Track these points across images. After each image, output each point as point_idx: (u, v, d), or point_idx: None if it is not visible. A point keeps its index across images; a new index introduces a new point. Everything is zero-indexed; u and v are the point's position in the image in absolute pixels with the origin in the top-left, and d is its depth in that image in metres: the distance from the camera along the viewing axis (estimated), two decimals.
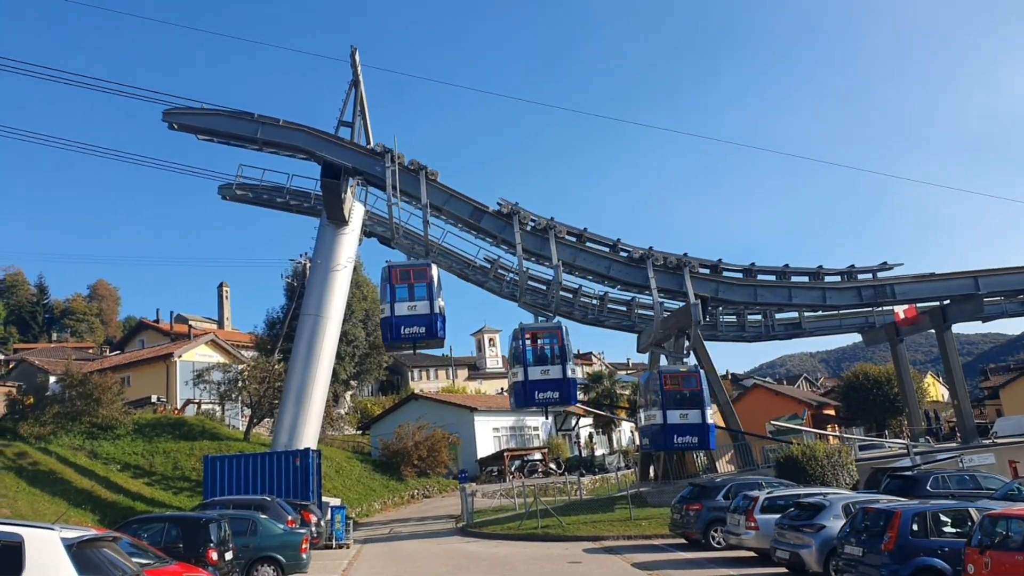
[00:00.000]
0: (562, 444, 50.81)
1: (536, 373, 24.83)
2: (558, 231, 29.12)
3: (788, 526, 15.11)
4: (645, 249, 29.73)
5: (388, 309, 24.31)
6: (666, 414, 25.62)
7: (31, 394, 31.75)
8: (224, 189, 32.01)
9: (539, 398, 24.94)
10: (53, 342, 77.37)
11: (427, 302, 24.30)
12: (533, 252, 29.50)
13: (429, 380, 70.86)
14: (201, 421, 38.06)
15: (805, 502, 15.69)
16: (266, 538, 16.61)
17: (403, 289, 24.60)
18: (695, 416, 25.68)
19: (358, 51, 32.81)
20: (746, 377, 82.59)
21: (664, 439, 25.94)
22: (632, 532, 22.47)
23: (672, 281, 30.36)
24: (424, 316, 24.18)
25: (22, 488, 23.54)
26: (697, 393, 26.07)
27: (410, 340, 24.82)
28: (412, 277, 24.79)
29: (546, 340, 25.35)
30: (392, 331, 24.41)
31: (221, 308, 78.78)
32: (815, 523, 14.48)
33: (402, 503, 38.03)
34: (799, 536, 14.56)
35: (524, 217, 29.05)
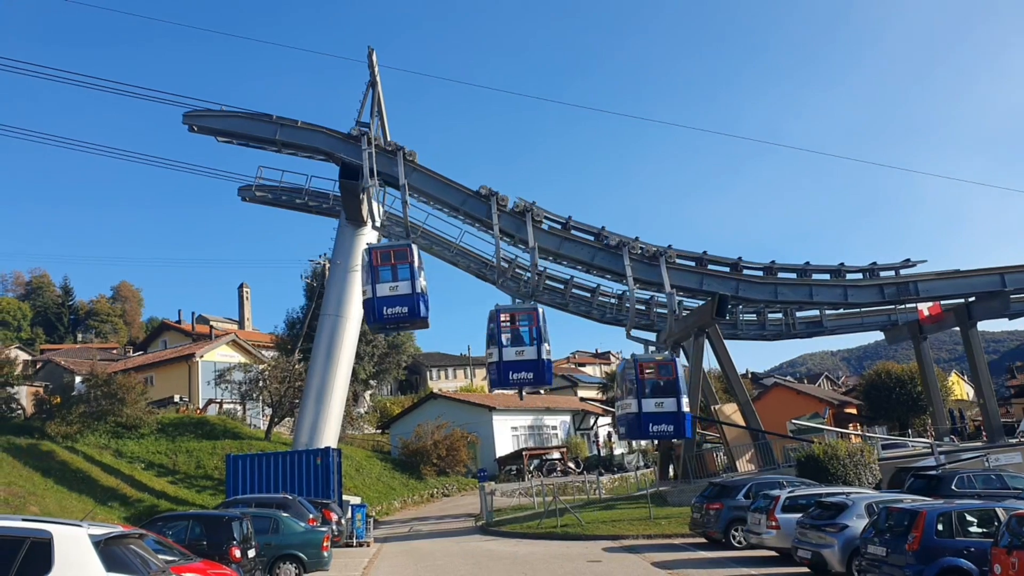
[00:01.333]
0: (581, 443, 50.76)
1: (511, 354, 24.67)
2: (535, 214, 28.97)
3: (810, 525, 14.99)
4: (628, 238, 29.43)
5: (370, 291, 24.49)
6: (641, 403, 25.09)
7: (58, 394, 32.24)
8: (244, 191, 32.33)
9: (514, 378, 24.80)
10: (78, 343, 78.56)
11: (409, 282, 24.48)
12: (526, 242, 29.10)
13: (447, 379, 71.05)
14: (223, 420, 38.48)
15: (827, 501, 15.55)
16: (288, 536, 16.76)
17: (384, 271, 24.78)
18: (670, 404, 25.10)
19: (375, 52, 32.98)
20: (767, 376, 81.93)
21: (639, 428, 25.52)
22: (652, 531, 22.41)
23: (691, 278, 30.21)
24: (406, 296, 24.30)
25: (50, 486, 23.93)
26: (672, 382, 25.56)
27: (393, 320, 25.05)
28: (393, 258, 24.97)
29: (521, 322, 25.33)
30: (375, 313, 24.59)
31: (242, 309, 79.52)
32: (837, 523, 14.35)
33: (422, 502, 38.18)
34: (821, 536, 14.44)
35: (502, 200, 28.99)
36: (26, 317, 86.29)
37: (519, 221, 28.79)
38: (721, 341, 30.81)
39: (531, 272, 29.22)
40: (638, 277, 29.03)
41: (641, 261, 29.31)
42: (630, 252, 28.72)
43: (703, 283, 30.25)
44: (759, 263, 31.35)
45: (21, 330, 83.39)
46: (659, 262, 29.00)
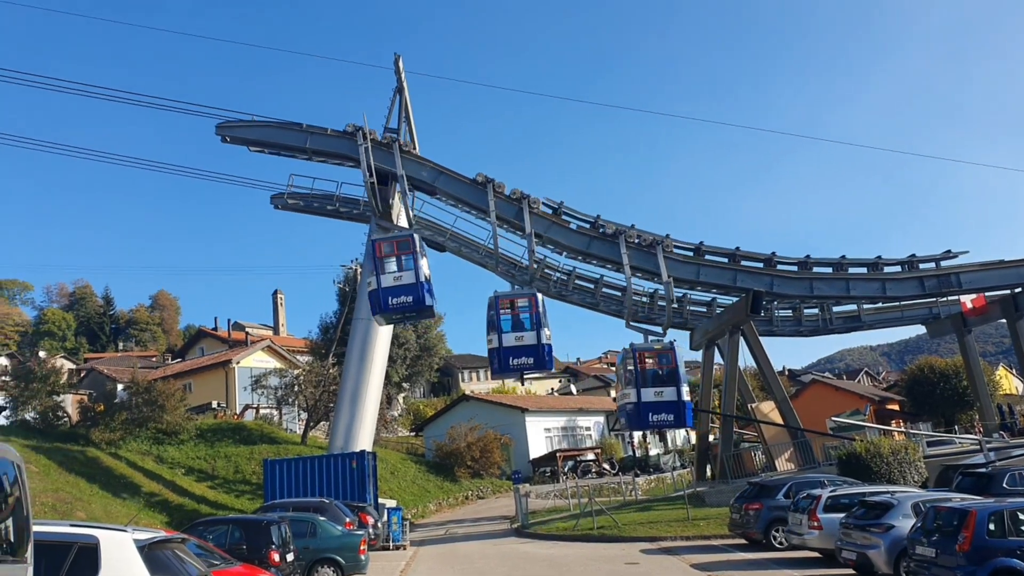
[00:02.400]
0: (615, 444, 50.46)
1: (511, 340, 24.85)
2: (531, 201, 28.93)
3: (854, 526, 14.65)
4: (624, 226, 29.13)
5: (375, 282, 24.98)
6: (640, 392, 25.08)
7: (101, 402, 32.90)
8: (276, 199, 32.67)
9: (514, 364, 24.97)
10: (119, 351, 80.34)
11: (413, 272, 24.97)
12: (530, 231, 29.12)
13: (479, 381, 71.13)
14: (259, 425, 38.96)
15: (871, 501, 15.18)
16: (325, 540, 16.87)
17: (388, 262, 25.37)
18: (670, 393, 25.06)
19: (402, 58, 33.21)
20: (804, 372, 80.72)
21: (639, 417, 25.43)
22: (690, 532, 22.14)
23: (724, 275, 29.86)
24: (411, 286, 24.90)
25: (96, 492, 24.41)
26: (672, 370, 25.47)
27: (399, 310, 25.41)
28: (397, 249, 25.51)
29: (521, 307, 25.45)
30: (381, 303, 25.04)
31: (276, 315, 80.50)
32: (883, 523, 14.00)
33: (456, 504, 38.24)
34: (866, 536, 14.10)
35: (499, 187, 29.05)
36: (70, 327, 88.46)
37: (516, 208, 28.90)
38: (756, 338, 30.38)
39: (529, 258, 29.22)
40: (637, 266, 28.75)
41: (639, 250, 28.99)
42: (627, 240, 28.52)
43: (736, 280, 29.85)
44: (794, 258, 30.85)
45: (66, 340, 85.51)
46: (656, 251, 28.66)
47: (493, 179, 29.02)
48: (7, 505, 5.65)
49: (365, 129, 29.19)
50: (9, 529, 5.59)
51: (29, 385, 30.13)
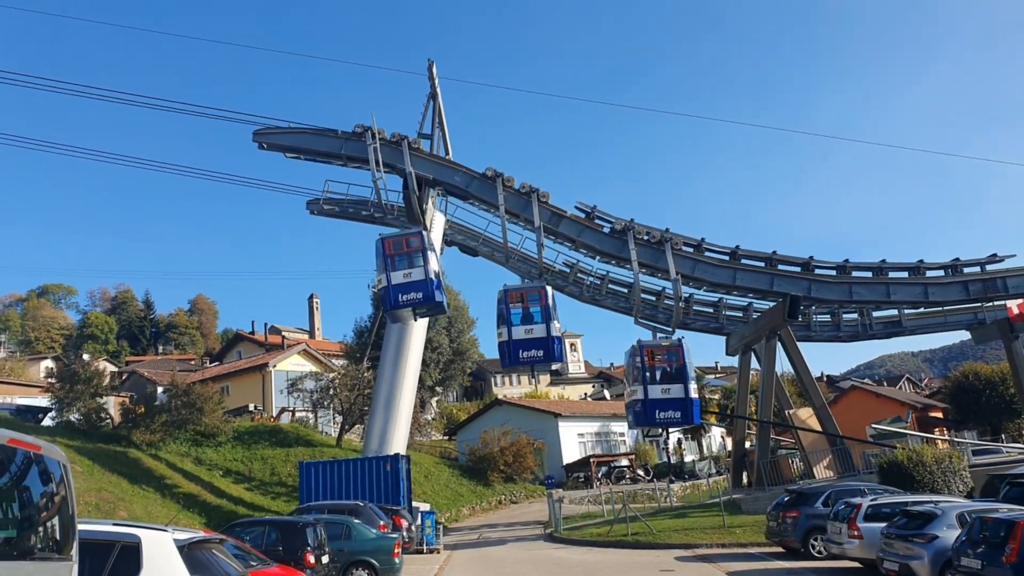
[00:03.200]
0: (650, 450, 49.97)
1: (520, 332, 24.93)
2: (541, 195, 28.99)
3: (896, 535, 14.31)
4: (626, 221, 28.90)
5: (385, 279, 25.14)
6: (647, 389, 24.94)
7: (142, 404, 33.57)
8: (312, 204, 33.09)
9: (523, 357, 25.06)
10: (159, 355, 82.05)
11: (422, 268, 25.09)
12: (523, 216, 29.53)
13: (512, 386, 71.11)
14: (295, 428, 39.42)
15: (914, 510, 14.81)
16: (360, 542, 17.01)
17: (397, 259, 25.51)
18: (677, 391, 24.89)
19: (435, 64, 33.45)
20: (843, 379, 79.23)
21: (645, 415, 25.23)
22: (726, 540, 21.83)
23: (760, 279, 29.49)
24: (420, 282, 25.00)
25: (137, 492, 24.91)
26: (680, 367, 25.30)
27: (409, 306, 25.51)
28: (406, 246, 25.67)
29: (530, 300, 25.54)
30: (391, 300, 25.23)
31: (312, 318, 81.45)
32: (926, 533, 13.65)
33: (490, 508, 38.25)
34: (909, 547, 13.76)
35: (508, 180, 29.21)
36: (112, 331, 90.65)
37: (525, 201, 28.96)
38: (794, 343, 29.90)
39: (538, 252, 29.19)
40: (645, 262, 28.59)
41: (648, 247, 28.78)
42: (636, 237, 28.39)
43: (773, 284, 29.46)
44: (832, 262, 30.36)
45: (108, 343, 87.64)
46: (664, 248, 28.42)
47: (502, 173, 29.24)
48: (53, 504, 5.79)
49: (373, 129, 29.55)
50: (55, 527, 5.74)
51: (74, 387, 30.86)
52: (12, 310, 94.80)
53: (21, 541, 5.30)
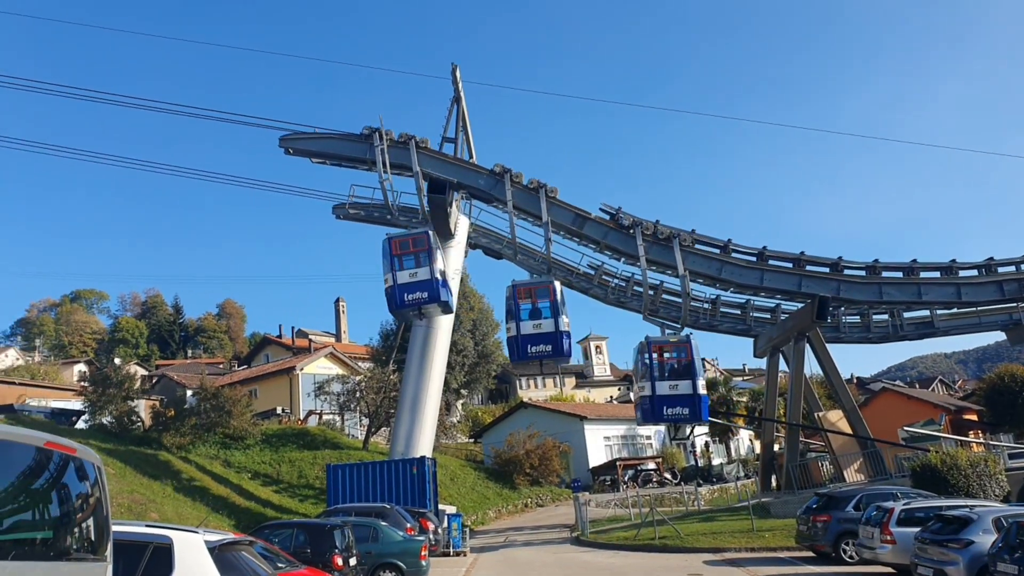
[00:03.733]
0: (677, 453, 49.66)
1: (528, 327, 25.09)
2: (549, 190, 29.07)
3: (930, 541, 14.04)
4: (640, 219, 28.80)
5: (391, 278, 25.42)
6: (655, 385, 24.99)
7: (172, 407, 34.05)
8: (338, 209, 33.32)
9: (532, 351, 25.20)
10: (188, 358, 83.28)
11: (428, 268, 25.34)
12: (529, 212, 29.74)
13: (537, 389, 71.05)
14: (322, 431, 39.73)
15: (949, 515, 14.53)
16: (387, 545, 17.07)
17: (404, 259, 25.81)
18: (685, 387, 24.90)
19: (459, 68, 33.54)
20: (873, 380, 77.96)
21: (653, 411, 25.23)
22: (755, 544, 21.59)
23: (788, 280, 29.18)
24: (425, 282, 25.32)
25: (167, 494, 25.26)
26: (688, 364, 25.27)
27: (415, 306, 25.63)
28: (412, 246, 25.99)
29: (539, 295, 25.71)
30: (396, 299, 25.43)
31: (338, 322, 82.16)
32: (962, 538, 13.38)
33: (515, 511, 38.21)
34: (944, 552, 13.50)
35: (516, 176, 29.34)
36: (142, 335, 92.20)
37: (534, 197, 28.99)
38: (823, 345, 29.52)
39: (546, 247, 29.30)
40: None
41: (655, 243, 28.66)
42: (643, 233, 28.30)
43: (802, 285, 29.14)
44: (861, 263, 29.96)
45: (138, 347, 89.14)
46: (672, 244, 28.28)
47: (510, 169, 29.35)
48: (88, 505, 5.88)
49: (381, 130, 29.74)
50: (90, 528, 5.82)
51: (106, 391, 31.40)
52: (46, 315, 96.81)
53: (57, 542, 5.39)
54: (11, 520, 5.02)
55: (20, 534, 5.07)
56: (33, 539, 5.18)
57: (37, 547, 5.17)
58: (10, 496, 5.05)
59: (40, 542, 5.22)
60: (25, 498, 5.24)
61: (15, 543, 4.96)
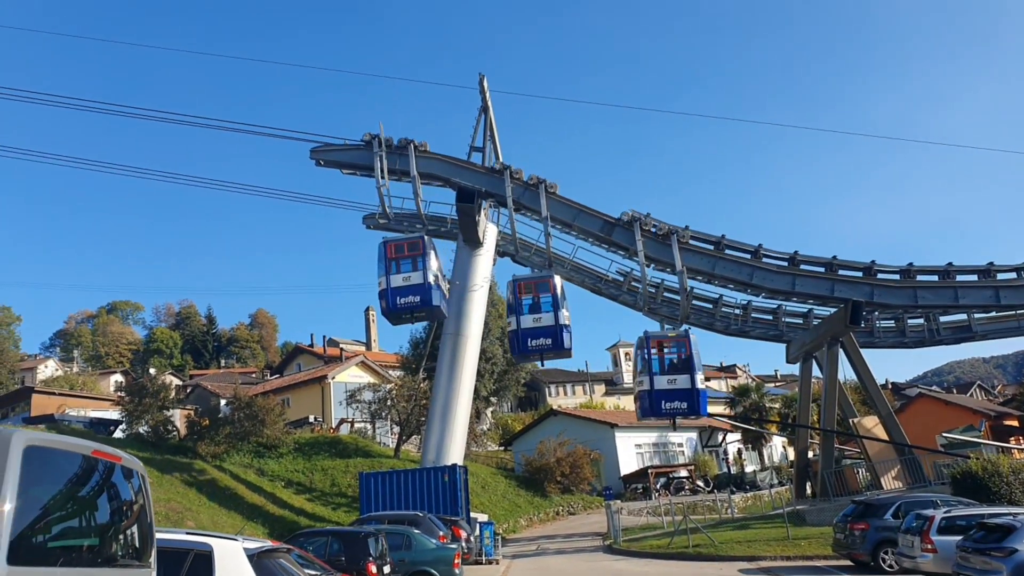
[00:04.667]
0: (709, 461, 49.19)
1: (528, 321, 25.46)
2: (548, 185, 29.27)
3: (973, 550, 13.73)
4: (640, 214, 28.74)
5: (385, 282, 25.88)
6: (653, 380, 25.12)
7: (206, 416, 34.53)
8: (368, 219, 33.64)
9: (532, 345, 25.56)
10: (222, 368, 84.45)
11: (421, 273, 25.75)
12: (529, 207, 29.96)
13: (566, 396, 70.86)
14: (354, 439, 40.00)
15: (992, 523, 14.19)
16: (420, 553, 17.14)
17: (398, 263, 26.19)
18: (684, 381, 25.04)
19: (486, 78, 33.76)
20: (909, 386, 76.54)
21: (652, 405, 25.35)
22: (791, 552, 21.28)
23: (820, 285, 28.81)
24: (419, 286, 25.80)
25: (203, 502, 25.64)
26: (687, 358, 25.36)
27: (408, 310, 25.90)
28: (407, 250, 26.40)
29: (540, 290, 26.09)
30: (388, 302, 25.82)
31: (368, 331, 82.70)
32: (1005, 547, 13.06)
33: (547, 519, 38.09)
34: (987, 561, 13.19)
35: (516, 172, 29.65)
36: (177, 345, 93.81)
37: (534, 193, 29.20)
38: (857, 350, 29.08)
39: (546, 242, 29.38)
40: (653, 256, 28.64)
41: (654, 240, 28.60)
42: (642, 228, 28.34)
43: (834, 290, 28.77)
44: (895, 266, 29.53)
45: (172, 357, 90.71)
46: (671, 241, 28.20)
47: (510, 166, 29.61)
48: (133, 512, 6.01)
49: (381, 136, 30.05)
50: (135, 535, 5.94)
51: (142, 400, 31.93)
52: (84, 326, 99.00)
53: (104, 548, 5.51)
54: (60, 527, 5.14)
55: (68, 541, 5.19)
56: (81, 546, 5.29)
57: (85, 554, 5.28)
58: (59, 503, 5.17)
59: (87, 549, 5.33)
60: (73, 505, 5.36)
61: (64, 549, 5.08)
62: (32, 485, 4.68)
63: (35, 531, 4.72)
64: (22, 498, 4.51)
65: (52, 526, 5.01)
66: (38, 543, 4.76)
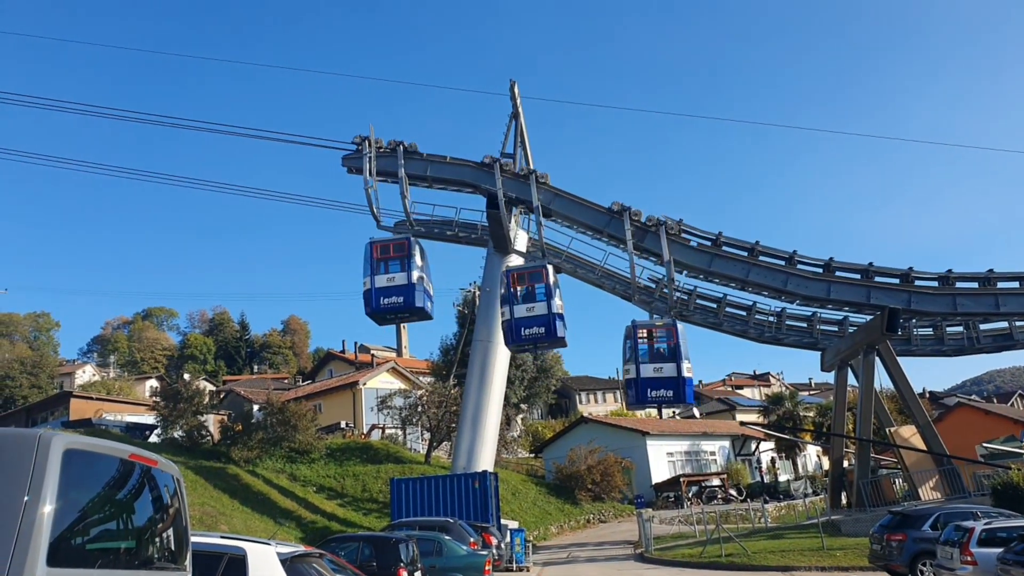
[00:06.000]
0: (742, 469, 48.51)
1: (522, 311, 25.60)
2: (539, 175, 29.46)
3: (1014, 562, 13.39)
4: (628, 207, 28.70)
5: (370, 282, 26.02)
6: (639, 368, 25.31)
7: (239, 422, 34.97)
8: (399, 225, 33.90)
9: (525, 334, 25.73)
10: (254, 374, 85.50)
11: (406, 274, 25.92)
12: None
13: (597, 403, 70.43)
14: (385, 445, 40.21)
15: None
16: (451, 559, 17.16)
17: (384, 264, 26.42)
18: (670, 369, 25.23)
19: (517, 84, 33.85)
20: (947, 395, 74.83)
21: (637, 393, 25.55)
22: (826, 563, 20.90)
23: (856, 292, 28.31)
24: (402, 287, 25.92)
25: (236, 507, 25.96)
26: (673, 347, 25.50)
27: (391, 310, 26.00)
28: (392, 251, 26.55)
29: (532, 280, 26.24)
30: (372, 302, 25.97)
31: (399, 337, 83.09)
32: None
33: (578, 527, 37.85)
34: None
35: (506, 165, 30.24)
36: (210, 351, 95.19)
37: (523, 184, 29.35)
38: (894, 358, 28.46)
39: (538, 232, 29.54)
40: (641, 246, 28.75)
41: (644, 230, 28.64)
42: (632, 218, 28.42)
43: (870, 296, 28.28)
44: (933, 273, 28.95)
45: (206, 363, 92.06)
46: (659, 232, 28.17)
47: (499, 159, 29.71)
48: (169, 516, 6.09)
49: (371, 139, 30.15)
50: (171, 538, 6.02)
51: (177, 406, 32.47)
52: (120, 332, 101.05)
53: (141, 551, 5.57)
54: (97, 529, 5.21)
55: (106, 543, 5.25)
56: (118, 548, 5.36)
57: (122, 556, 5.34)
58: (97, 506, 5.25)
59: (124, 551, 5.39)
60: (111, 508, 5.43)
61: (101, 552, 5.14)
62: (71, 488, 4.74)
63: (74, 533, 4.77)
64: (61, 500, 4.57)
65: (90, 528, 5.05)
66: (77, 545, 4.81)
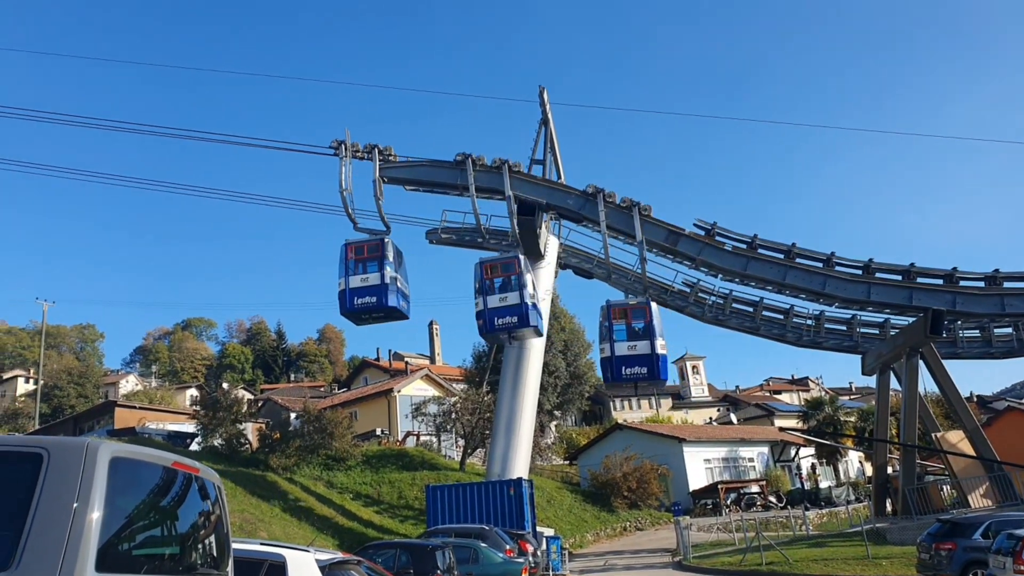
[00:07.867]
0: (781, 476, 47.69)
1: (495, 301, 25.78)
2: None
3: None
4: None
5: (344, 283, 26.28)
6: (614, 346, 25.38)
7: (277, 430, 35.38)
8: (431, 234, 34.04)
9: (499, 323, 25.91)
10: (291, 382, 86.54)
11: (379, 274, 26.05)
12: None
13: (632, 410, 69.82)
14: (420, 452, 40.35)
15: None
16: (488, 566, 17.09)
17: (358, 264, 26.49)
18: (644, 347, 25.29)
19: (547, 90, 33.86)
20: (996, 399, 72.56)
21: (612, 371, 25.53)
22: (871, 572, 20.40)
23: (897, 294, 27.66)
24: (376, 287, 26.16)
25: (275, 514, 26.22)
26: (647, 325, 25.55)
27: (364, 310, 26.54)
28: (366, 252, 26.73)
29: (505, 270, 26.50)
30: (346, 303, 26.22)
31: (432, 344, 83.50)
32: None
33: (614, 535, 37.53)
34: None
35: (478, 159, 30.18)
36: (248, 360, 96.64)
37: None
38: (938, 361, 27.77)
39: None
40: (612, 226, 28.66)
41: (618, 210, 28.62)
42: (605, 200, 28.49)
43: (912, 298, 27.63)
44: (979, 273, 28.18)
45: (244, 372, 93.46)
46: (632, 213, 28.14)
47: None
48: (210, 523, 6.13)
49: (347, 143, 30.23)
50: (213, 545, 6.06)
51: (216, 414, 32.97)
52: (160, 342, 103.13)
53: (184, 557, 5.63)
54: (143, 536, 5.28)
55: (151, 549, 5.31)
56: (163, 554, 5.42)
57: (166, 562, 5.40)
58: (142, 513, 5.31)
59: (168, 557, 5.46)
60: (155, 515, 5.51)
61: (147, 558, 5.20)
62: (117, 495, 4.80)
63: (120, 539, 4.83)
64: (108, 507, 4.63)
65: (136, 535, 5.12)
66: (123, 551, 4.87)
